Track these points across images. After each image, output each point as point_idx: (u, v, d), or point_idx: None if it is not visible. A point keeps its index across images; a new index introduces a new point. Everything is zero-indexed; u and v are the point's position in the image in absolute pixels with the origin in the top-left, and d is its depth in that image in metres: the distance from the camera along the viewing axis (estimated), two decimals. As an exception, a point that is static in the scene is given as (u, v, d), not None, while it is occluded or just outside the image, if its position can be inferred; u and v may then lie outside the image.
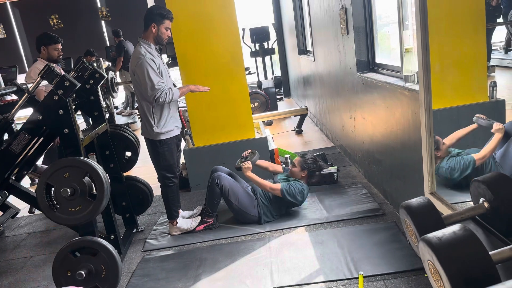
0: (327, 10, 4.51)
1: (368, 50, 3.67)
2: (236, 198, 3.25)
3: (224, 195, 3.26)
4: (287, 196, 3.21)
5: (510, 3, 2.79)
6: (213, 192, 3.28)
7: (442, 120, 2.45)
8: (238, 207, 3.26)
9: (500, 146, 2.14)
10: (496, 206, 1.52)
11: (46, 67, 2.53)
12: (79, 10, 11.02)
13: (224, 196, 3.27)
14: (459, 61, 2.55)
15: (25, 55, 11.53)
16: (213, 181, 3.27)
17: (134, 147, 3.44)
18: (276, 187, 3.23)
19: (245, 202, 3.27)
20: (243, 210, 3.27)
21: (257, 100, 7.18)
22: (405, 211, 1.57)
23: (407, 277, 2.40)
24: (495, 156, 2.15)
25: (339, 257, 2.69)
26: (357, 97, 3.82)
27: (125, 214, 3.47)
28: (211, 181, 3.29)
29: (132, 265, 3.00)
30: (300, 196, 3.25)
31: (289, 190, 3.22)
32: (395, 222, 3.02)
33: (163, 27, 2.99)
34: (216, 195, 3.28)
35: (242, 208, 3.26)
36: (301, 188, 3.26)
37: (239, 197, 3.26)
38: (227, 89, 4.05)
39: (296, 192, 3.23)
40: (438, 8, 2.32)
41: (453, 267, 1.15)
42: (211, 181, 3.29)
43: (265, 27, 8.09)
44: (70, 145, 2.59)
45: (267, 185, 3.24)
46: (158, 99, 2.93)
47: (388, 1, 3.35)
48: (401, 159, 3.01)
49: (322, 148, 5.07)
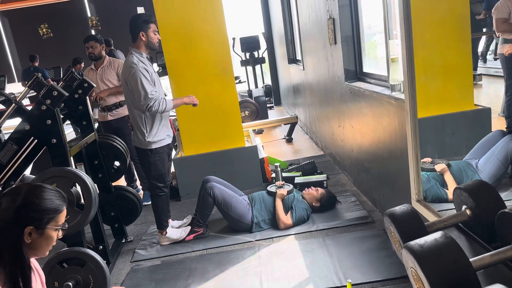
0: (316, 20, 4.57)
1: (356, 59, 3.72)
2: (230, 207, 3.25)
3: (218, 205, 3.26)
4: (298, 224, 3.29)
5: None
6: (205, 202, 3.28)
7: (428, 128, 2.49)
8: (232, 216, 3.26)
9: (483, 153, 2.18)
10: (477, 213, 1.55)
11: (34, 77, 2.53)
12: (69, 19, 11.00)
13: (217, 206, 3.27)
14: (444, 70, 2.60)
15: (14, 65, 11.47)
16: (206, 191, 3.26)
17: (123, 157, 3.42)
18: (288, 223, 3.27)
19: (239, 210, 3.27)
20: (237, 218, 3.27)
21: (248, 108, 7.21)
22: (389, 218, 1.59)
23: (395, 284, 2.42)
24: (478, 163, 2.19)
25: (328, 265, 2.70)
26: (346, 105, 3.86)
27: (114, 224, 3.45)
28: (204, 191, 3.28)
29: (121, 276, 2.98)
30: (306, 217, 3.33)
31: (299, 220, 3.29)
32: (383, 229, 3.04)
33: (151, 31, 3.01)
34: (208, 205, 3.28)
35: (237, 216, 3.27)
36: (306, 211, 3.33)
37: (233, 206, 3.26)
38: (217, 98, 4.06)
39: (303, 217, 3.31)
40: (423, 17, 2.37)
41: (435, 274, 1.17)
42: (204, 191, 3.28)
43: (255, 37, 8.16)
44: (58, 155, 2.58)
45: (282, 220, 3.27)
46: (151, 108, 2.93)
47: (375, 11, 3.40)
48: (388, 167, 3.05)
49: (312, 156, 5.10)
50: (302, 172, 4.27)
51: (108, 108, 4.12)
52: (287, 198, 3.36)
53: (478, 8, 2.65)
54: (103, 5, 11.05)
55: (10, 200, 1.32)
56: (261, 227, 3.31)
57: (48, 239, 1.37)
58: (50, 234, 1.37)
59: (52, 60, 10.18)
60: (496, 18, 2.36)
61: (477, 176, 2.17)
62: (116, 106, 4.12)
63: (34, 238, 1.33)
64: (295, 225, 3.27)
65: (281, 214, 3.27)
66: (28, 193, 1.35)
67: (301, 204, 3.35)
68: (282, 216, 3.27)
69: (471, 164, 2.28)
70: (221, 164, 4.10)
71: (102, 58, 4.14)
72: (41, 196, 1.35)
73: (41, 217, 1.33)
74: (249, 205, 3.34)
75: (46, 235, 1.36)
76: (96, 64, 4.16)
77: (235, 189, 3.49)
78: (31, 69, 8.63)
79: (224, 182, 3.47)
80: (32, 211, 1.33)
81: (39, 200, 1.34)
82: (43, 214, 1.34)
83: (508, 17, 2.34)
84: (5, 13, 11.17)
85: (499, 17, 2.35)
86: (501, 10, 2.34)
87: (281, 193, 3.34)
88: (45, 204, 1.35)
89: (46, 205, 1.35)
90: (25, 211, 1.32)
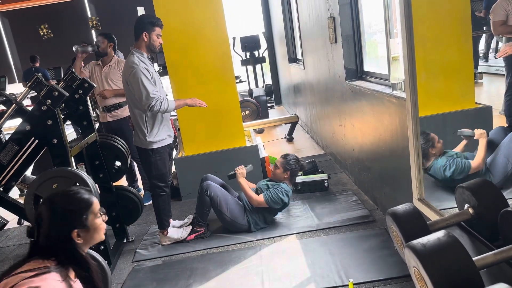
0: (316, 19, 4.56)
1: (356, 58, 3.72)
2: (226, 207, 3.24)
3: (214, 205, 3.25)
4: (273, 204, 3.22)
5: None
6: (203, 201, 3.27)
7: (429, 127, 2.48)
8: (227, 216, 3.25)
9: (489, 153, 2.17)
10: (480, 212, 1.55)
11: (34, 77, 2.52)
12: (69, 20, 11.00)
13: (213, 205, 3.26)
14: (445, 69, 2.59)
15: (14, 65, 11.47)
16: (203, 190, 3.26)
17: (124, 157, 3.42)
18: (260, 200, 3.22)
19: (235, 211, 3.26)
20: (233, 219, 3.26)
21: (248, 108, 7.20)
22: (391, 218, 1.58)
23: (397, 283, 2.41)
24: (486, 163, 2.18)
25: (330, 264, 2.70)
26: (346, 104, 3.86)
27: (115, 224, 3.45)
28: (200, 190, 3.28)
29: (122, 276, 2.97)
30: (285, 197, 3.25)
31: (273, 197, 3.21)
32: (385, 228, 3.04)
33: (154, 34, 3.00)
34: (206, 204, 3.27)
35: (232, 217, 3.25)
36: (285, 189, 3.27)
37: (228, 206, 3.25)
38: (218, 98, 4.06)
39: (280, 195, 3.22)
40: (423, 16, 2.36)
41: (437, 273, 1.16)
42: (200, 190, 3.28)
43: (256, 36, 8.15)
44: (58, 155, 2.58)
45: (252, 198, 3.24)
46: (153, 107, 2.92)
47: (376, 10, 3.39)
48: (390, 166, 3.04)
49: (313, 155, 5.09)
50: (303, 171, 4.26)
51: (107, 108, 4.11)
52: (258, 189, 3.33)
53: (478, 5, 2.64)
54: (103, 6, 11.05)
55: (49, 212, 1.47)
56: (259, 225, 3.30)
57: (96, 229, 1.53)
58: (94, 225, 1.52)
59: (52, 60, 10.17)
60: (493, 20, 2.35)
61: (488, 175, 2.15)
62: (116, 107, 4.11)
63: (83, 236, 1.49)
64: (271, 204, 3.21)
65: (248, 191, 3.25)
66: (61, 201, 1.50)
67: (276, 187, 3.29)
68: (250, 192, 3.24)
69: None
70: (222, 163, 4.09)
71: (108, 55, 4.13)
72: (73, 200, 1.50)
73: (80, 218, 1.49)
74: (243, 206, 3.32)
75: (92, 228, 1.51)
76: (103, 61, 4.15)
77: (231, 190, 3.48)
78: (32, 70, 8.62)
79: (221, 181, 3.46)
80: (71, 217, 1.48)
81: (73, 205, 1.49)
82: (81, 215, 1.49)
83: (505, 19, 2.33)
84: (6, 14, 11.17)
85: (496, 20, 2.35)
86: (497, 12, 2.33)
87: (240, 171, 3.32)
88: (79, 205, 1.50)
89: (80, 205, 1.50)
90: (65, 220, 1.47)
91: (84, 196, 1.52)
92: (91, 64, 4.23)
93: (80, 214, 1.49)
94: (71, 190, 1.54)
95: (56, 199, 1.51)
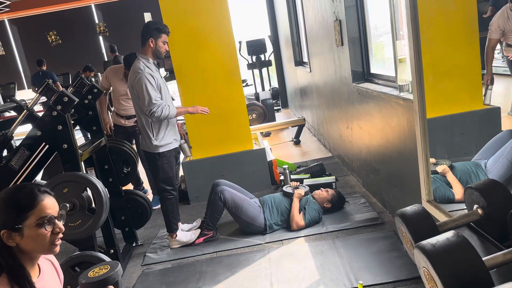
0: (322, 22, 4.57)
1: (363, 60, 3.72)
2: (241, 210, 3.26)
3: (229, 209, 3.27)
4: (310, 225, 3.30)
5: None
6: (215, 207, 3.29)
7: (437, 128, 2.48)
8: (244, 219, 3.28)
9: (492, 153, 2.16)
10: (489, 212, 1.54)
11: (44, 84, 2.56)
12: (77, 26, 11.14)
13: (228, 209, 3.28)
14: (453, 70, 2.58)
15: (23, 72, 11.61)
16: (216, 195, 3.27)
17: (133, 161, 3.45)
18: (301, 224, 3.27)
19: (250, 213, 3.28)
20: (249, 221, 3.28)
21: (255, 111, 7.22)
22: (400, 219, 1.59)
23: (406, 285, 2.41)
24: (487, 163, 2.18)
25: (339, 267, 2.69)
26: (353, 107, 3.86)
27: (124, 228, 3.47)
28: (214, 195, 3.30)
29: (132, 279, 3.00)
30: (318, 218, 3.33)
31: (311, 221, 3.30)
32: (394, 231, 3.03)
33: (160, 41, 3.04)
34: (218, 210, 3.30)
35: (249, 220, 3.28)
36: (318, 212, 3.33)
37: (243, 209, 3.27)
38: (224, 101, 4.08)
39: (315, 218, 3.31)
40: (430, 17, 2.37)
41: (447, 273, 1.17)
42: (214, 195, 3.30)
43: (262, 40, 8.18)
44: (69, 160, 2.61)
45: (297, 221, 3.27)
46: (154, 113, 2.96)
47: (382, 12, 3.40)
48: (398, 168, 3.03)
49: (320, 158, 5.09)
50: (311, 174, 4.27)
51: (128, 117, 4.19)
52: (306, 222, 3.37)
53: (485, 6, 2.64)
54: (110, 12, 11.17)
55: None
56: (273, 229, 3.31)
57: (32, 237, 1.25)
58: (32, 232, 1.24)
59: (61, 66, 10.30)
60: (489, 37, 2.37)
61: (486, 176, 2.15)
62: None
63: (17, 240, 1.24)
64: (307, 226, 3.27)
65: (296, 214, 3.28)
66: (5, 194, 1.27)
67: (313, 206, 3.35)
68: (297, 216, 3.27)
69: (480, 165, 2.26)
70: (230, 167, 4.11)
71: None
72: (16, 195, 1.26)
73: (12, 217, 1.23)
74: (260, 207, 3.34)
75: (28, 234, 1.24)
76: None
77: (245, 192, 3.50)
78: (40, 74, 8.72)
79: (234, 185, 3.48)
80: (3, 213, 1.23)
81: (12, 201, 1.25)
82: (8, 216, 1.23)
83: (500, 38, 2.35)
84: (14, 21, 11.32)
85: (491, 38, 2.37)
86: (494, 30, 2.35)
87: (298, 193, 3.36)
88: (18, 203, 1.25)
89: (19, 203, 1.25)
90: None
91: (31, 195, 1.26)
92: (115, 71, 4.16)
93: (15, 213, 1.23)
94: (24, 186, 1.30)
95: (5, 191, 1.28)
